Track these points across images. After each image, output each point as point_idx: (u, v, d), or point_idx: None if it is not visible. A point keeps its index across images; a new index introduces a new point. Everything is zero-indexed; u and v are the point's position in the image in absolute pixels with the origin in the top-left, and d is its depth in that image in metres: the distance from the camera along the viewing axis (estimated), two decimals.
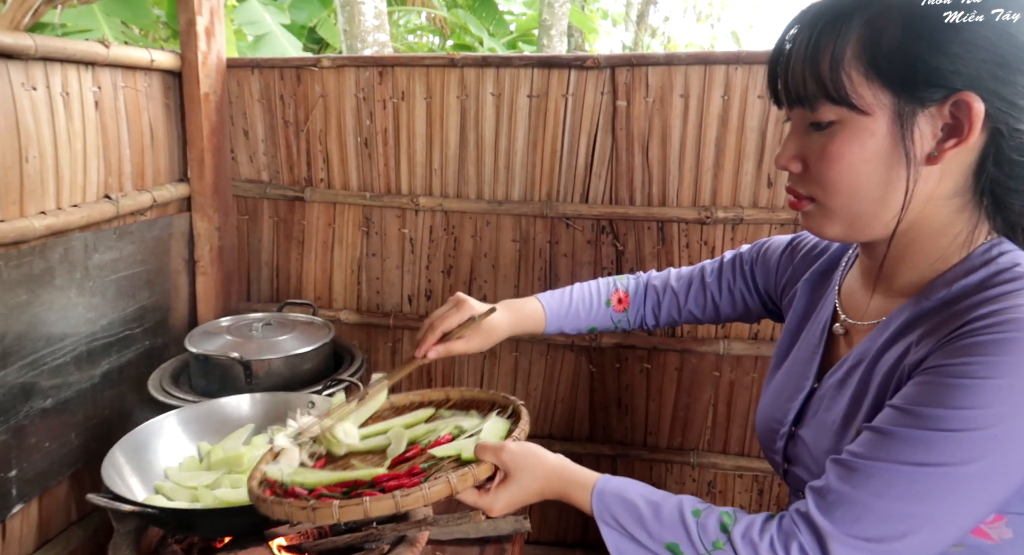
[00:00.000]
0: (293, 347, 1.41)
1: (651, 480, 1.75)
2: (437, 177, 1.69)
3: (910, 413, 0.62)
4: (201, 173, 1.65)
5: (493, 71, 1.60)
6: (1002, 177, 0.65)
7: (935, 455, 0.60)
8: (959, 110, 0.62)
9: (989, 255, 0.67)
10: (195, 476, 1.14)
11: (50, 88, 1.24)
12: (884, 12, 0.62)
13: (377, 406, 1.08)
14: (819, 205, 0.70)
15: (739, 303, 1.06)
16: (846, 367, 0.75)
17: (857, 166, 0.65)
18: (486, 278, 1.72)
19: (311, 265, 1.80)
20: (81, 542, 1.36)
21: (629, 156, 1.59)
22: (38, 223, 1.19)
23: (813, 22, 0.65)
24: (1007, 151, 0.63)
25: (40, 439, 1.25)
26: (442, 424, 1.02)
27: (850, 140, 0.65)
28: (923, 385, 0.63)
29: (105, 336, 1.40)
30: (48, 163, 1.24)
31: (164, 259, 1.59)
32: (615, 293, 1.12)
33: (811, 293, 0.89)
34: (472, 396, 1.09)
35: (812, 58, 0.65)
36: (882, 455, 0.63)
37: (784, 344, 0.89)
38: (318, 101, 1.69)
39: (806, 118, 0.68)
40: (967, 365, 0.60)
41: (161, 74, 1.56)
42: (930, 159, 0.64)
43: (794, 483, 0.82)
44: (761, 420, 0.88)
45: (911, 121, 0.63)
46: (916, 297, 0.70)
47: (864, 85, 0.63)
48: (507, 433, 0.93)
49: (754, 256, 1.04)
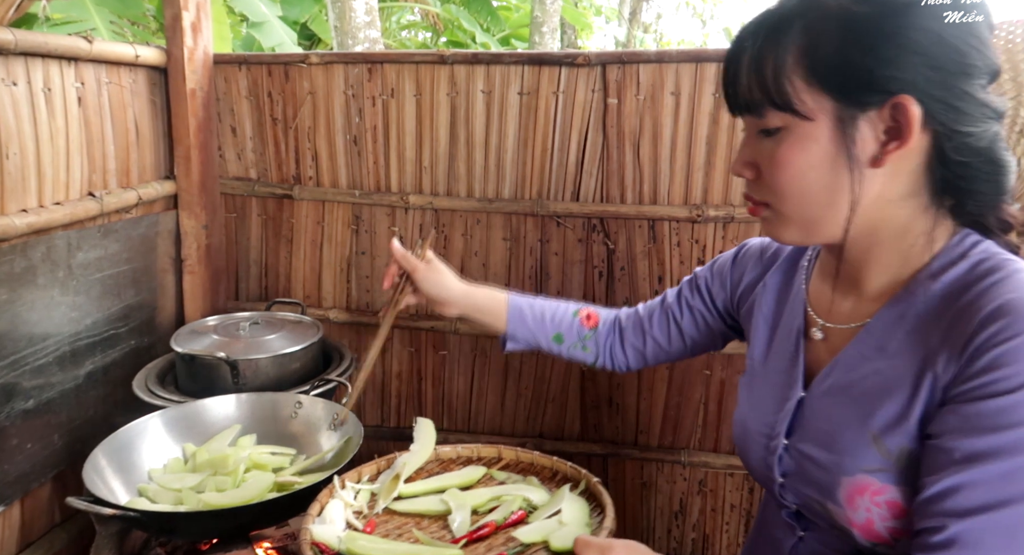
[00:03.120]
0: (281, 347, 1.39)
1: (642, 479, 1.75)
2: (427, 175, 1.67)
3: (982, 454, 0.59)
4: (188, 170, 1.63)
5: (483, 68, 1.58)
6: (951, 177, 0.66)
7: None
8: (898, 113, 0.63)
9: (962, 248, 0.68)
10: (180, 478, 1.13)
11: (31, 84, 1.21)
12: (822, 20, 0.63)
13: (423, 460, 1.02)
14: (774, 210, 0.71)
15: (701, 324, 1.02)
16: (838, 372, 0.73)
17: (804, 171, 0.67)
18: (476, 276, 1.71)
19: (300, 263, 1.79)
20: (65, 544, 1.34)
21: (620, 154, 1.58)
22: (19, 221, 1.17)
23: (755, 32, 0.67)
24: (949, 152, 0.65)
25: (22, 440, 1.23)
26: (503, 492, 0.95)
27: (796, 145, 0.66)
28: (971, 414, 0.60)
29: (89, 336, 1.38)
30: (30, 160, 1.22)
31: (150, 257, 1.57)
32: (585, 309, 1.09)
33: (775, 299, 0.87)
34: (530, 459, 1.03)
35: (757, 66, 0.66)
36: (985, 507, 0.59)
37: (757, 351, 0.87)
38: (307, 98, 1.67)
39: (756, 124, 0.70)
40: (1007, 379, 0.58)
41: (146, 70, 1.54)
42: (874, 162, 0.65)
43: (791, 497, 0.78)
44: (741, 430, 0.85)
45: (852, 125, 0.64)
46: (899, 298, 0.70)
47: (806, 91, 0.64)
48: (588, 517, 0.88)
49: (707, 273, 1.02)
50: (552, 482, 0.99)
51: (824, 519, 0.75)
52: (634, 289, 1.64)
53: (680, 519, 1.76)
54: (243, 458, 1.15)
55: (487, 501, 0.94)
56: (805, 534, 0.80)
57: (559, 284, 1.67)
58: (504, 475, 1.01)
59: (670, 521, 1.77)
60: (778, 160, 0.67)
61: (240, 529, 1.05)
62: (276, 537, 1.12)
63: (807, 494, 0.75)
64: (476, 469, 1.02)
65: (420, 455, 1.02)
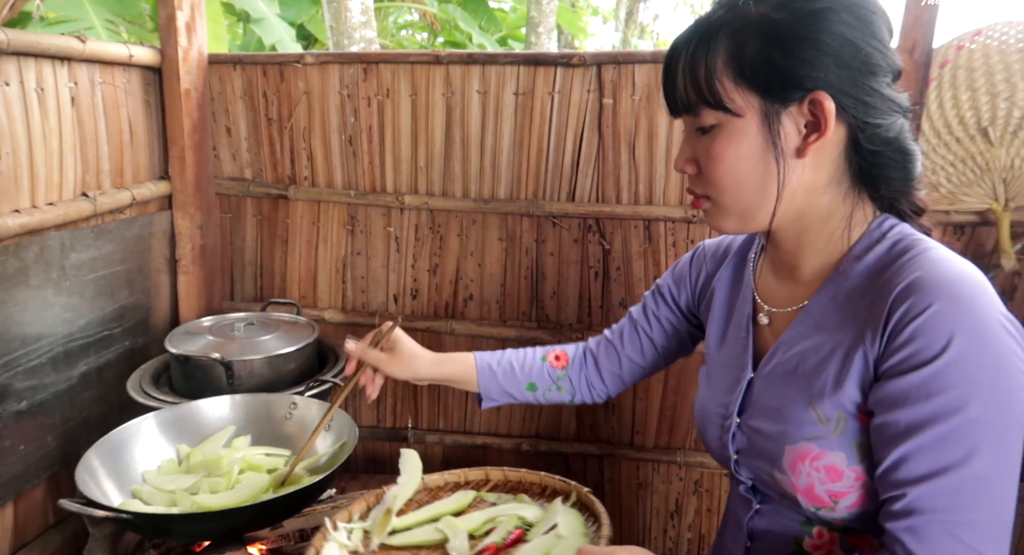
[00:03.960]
0: (276, 347, 1.39)
1: (638, 479, 1.75)
2: (423, 175, 1.67)
3: (925, 421, 0.65)
4: (182, 170, 1.63)
5: (479, 68, 1.58)
6: (866, 165, 0.74)
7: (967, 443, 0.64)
8: (815, 108, 0.70)
9: (882, 231, 0.75)
10: (173, 479, 1.12)
11: (24, 83, 1.21)
12: (745, 26, 0.71)
13: (412, 491, 1.01)
14: (714, 203, 0.78)
15: (670, 331, 1.05)
16: (780, 352, 0.80)
17: (737, 164, 0.74)
18: (472, 277, 1.71)
19: (295, 264, 1.78)
20: (58, 546, 1.34)
21: (615, 154, 1.58)
22: (12, 222, 1.17)
23: (688, 40, 0.74)
24: (863, 143, 0.72)
25: (15, 442, 1.22)
26: (495, 512, 0.95)
27: (728, 140, 0.73)
28: (902, 387, 0.67)
29: (83, 336, 1.37)
30: (22, 160, 1.22)
31: (144, 258, 1.57)
32: (552, 352, 1.10)
33: (728, 290, 0.94)
34: (518, 477, 1.03)
35: (691, 70, 0.73)
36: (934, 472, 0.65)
37: (713, 340, 0.93)
38: (302, 98, 1.67)
39: (693, 123, 0.76)
40: (925, 350, 0.65)
41: (141, 70, 1.53)
42: (798, 153, 0.72)
43: (745, 472, 0.84)
44: (701, 414, 0.91)
45: (777, 120, 0.72)
46: (831, 279, 0.77)
47: (735, 90, 0.72)
48: (584, 527, 0.88)
49: (669, 279, 1.06)
50: (543, 497, 0.99)
51: (774, 490, 0.80)
52: (630, 289, 1.64)
53: (676, 519, 1.76)
54: (237, 459, 1.15)
55: (482, 524, 0.93)
56: (760, 507, 0.85)
57: (555, 285, 1.67)
58: (494, 496, 1.01)
59: (666, 521, 1.77)
60: (714, 154, 0.74)
61: (233, 531, 1.05)
62: (270, 539, 1.12)
63: (757, 466, 0.81)
64: (466, 493, 1.01)
65: (408, 486, 1.01)
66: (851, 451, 0.71)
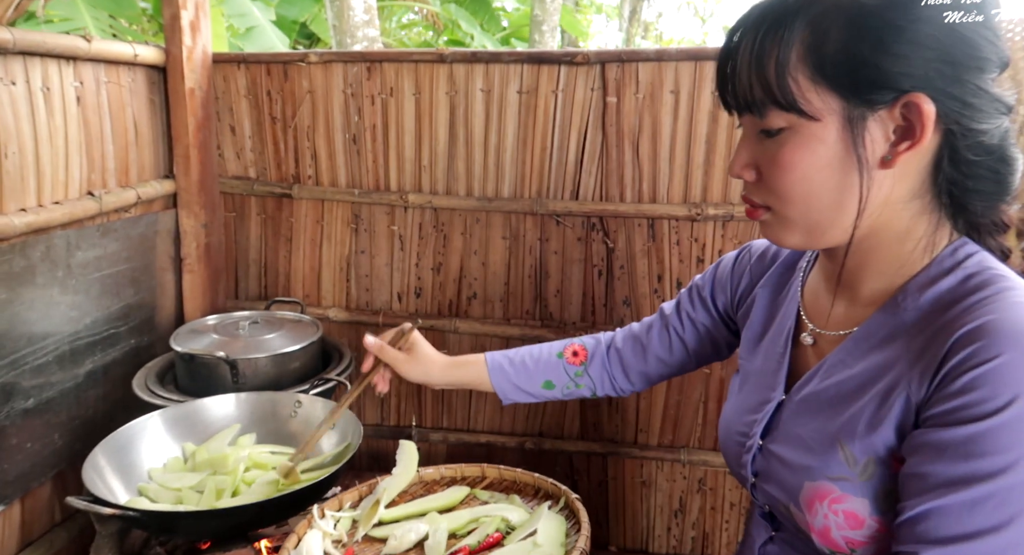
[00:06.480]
0: (280, 346, 1.39)
1: (641, 477, 1.75)
2: (426, 174, 1.67)
3: (957, 481, 0.57)
4: (187, 169, 1.63)
5: (482, 67, 1.58)
6: (959, 177, 0.63)
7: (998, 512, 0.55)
8: (910, 112, 0.60)
9: (956, 259, 0.65)
10: (179, 477, 1.13)
11: (30, 83, 1.21)
12: (828, 12, 0.59)
13: (406, 483, 1.01)
14: (776, 214, 0.68)
15: (704, 334, 0.99)
16: (818, 378, 0.71)
17: (810, 174, 0.63)
18: (476, 275, 1.71)
19: (299, 263, 1.79)
20: (65, 544, 1.34)
21: (619, 153, 1.57)
22: (18, 221, 1.17)
23: (757, 25, 0.62)
24: (962, 151, 0.62)
25: (22, 440, 1.23)
26: (482, 512, 0.95)
27: (801, 147, 0.62)
28: (945, 440, 0.58)
29: (89, 335, 1.38)
30: (28, 159, 1.22)
31: (150, 257, 1.57)
32: (570, 347, 1.05)
33: (770, 299, 0.85)
34: (513, 477, 1.03)
35: (758, 63, 0.62)
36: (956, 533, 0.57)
37: (746, 352, 0.85)
38: (306, 97, 1.67)
39: (756, 124, 0.66)
40: (982, 403, 0.56)
41: (145, 69, 1.54)
42: (884, 163, 0.62)
43: (762, 497, 0.78)
44: (725, 432, 0.84)
45: (861, 125, 0.61)
46: (888, 306, 0.67)
47: (812, 90, 0.61)
48: (563, 536, 0.88)
49: (709, 279, 0.99)
50: (535, 499, 1.00)
51: (790, 521, 0.74)
52: (633, 288, 1.64)
53: (680, 517, 1.77)
54: (243, 457, 1.15)
55: (466, 523, 0.93)
56: (775, 534, 0.81)
57: (558, 283, 1.67)
58: (488, 494, 1.01)
59: (670, 519, 1.77)
60: (782, 162, 0.64)
61: (238, 528, 1.05)
62: (275, 536, 1.12)
63: (773, 495, 0.74)
64: (459, 489, 1.01)
65: (402, 479, 1.01)
66: (875, 499, 0.63)
